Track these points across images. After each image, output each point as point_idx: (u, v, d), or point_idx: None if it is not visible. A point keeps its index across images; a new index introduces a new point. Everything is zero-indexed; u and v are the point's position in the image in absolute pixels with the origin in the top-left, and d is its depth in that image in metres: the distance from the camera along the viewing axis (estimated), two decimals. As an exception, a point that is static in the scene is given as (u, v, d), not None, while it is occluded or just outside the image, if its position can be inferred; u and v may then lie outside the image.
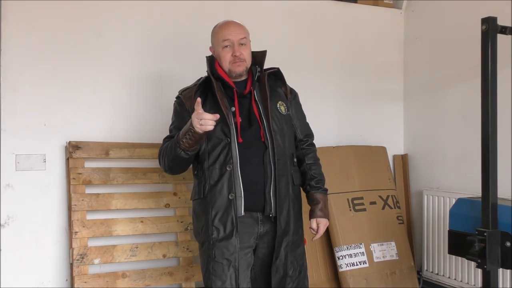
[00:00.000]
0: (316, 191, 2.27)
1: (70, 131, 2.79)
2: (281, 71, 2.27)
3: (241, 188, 2.05)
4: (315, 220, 2.24)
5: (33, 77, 2.71)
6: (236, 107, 2.11)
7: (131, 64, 2.96)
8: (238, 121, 2.09)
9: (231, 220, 2.04)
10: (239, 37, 2.13)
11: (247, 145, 2.08)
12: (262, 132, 2.10)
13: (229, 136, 2.06)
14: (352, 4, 3.69)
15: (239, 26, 2.18)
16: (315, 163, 2.31)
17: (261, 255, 2.15)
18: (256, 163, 2.09)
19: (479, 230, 2.21)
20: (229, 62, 2.13)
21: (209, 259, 2.07)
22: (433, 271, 3.44)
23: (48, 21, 2.74)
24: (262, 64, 2.23)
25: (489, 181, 2.20)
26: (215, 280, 2.05)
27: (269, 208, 2.09)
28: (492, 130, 2.21)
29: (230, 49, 2.13)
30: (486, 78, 2.21)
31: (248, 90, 2.16)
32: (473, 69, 3.11)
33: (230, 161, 2.05)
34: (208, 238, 2.07)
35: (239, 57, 2.12)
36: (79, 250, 2.63)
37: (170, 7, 3.04)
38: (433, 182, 3.54)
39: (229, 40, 2.12)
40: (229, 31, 2.14)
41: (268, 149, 2.09)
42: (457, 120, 3.36)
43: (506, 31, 2.26)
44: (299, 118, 2.32)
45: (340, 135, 3.60)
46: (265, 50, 2.24)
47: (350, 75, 3.65)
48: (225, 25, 2.18)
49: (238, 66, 2.13)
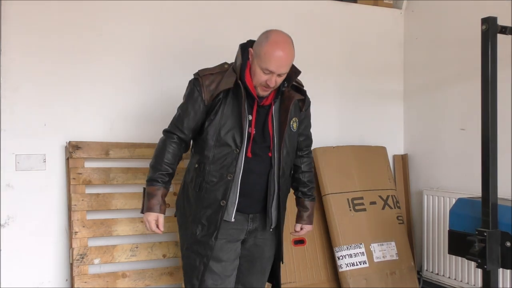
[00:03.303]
0: (307, 198, 2.37)
1: (70, 131, 2.79)
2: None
3: (237, 195, 2.09)
4: (300, 225, 2.38)
5: (33, 77, 2.72)
6: (254, 117, 2.09)
7: (131, 64, 2.96)
8: (252, 132, 2.09)
9: (215, 222, 2.09)
10: (281, 71, 2.03)
11: (254, 158, 2.10)
12: (272, 147, 2.12)
13: (239, 147, 2.06)
14: (352, 4, 3.69)
15: (287, 58, 2.02)
16: (309, 171, 2.38)
17: (248, 246, 2.23)
18: (258, 175, 2.13)
19: (479, 230, 2.22)
20: (260, 83, 2.05)
21: (188, 246, 2.17)
22: (433, 271, 3.44)
23: (48, 21, 2.74)
24: (291, 80, 2.15)
25: (489, 181, 2.20)
26: (188, 263, 2.18)
27: (269, 224, 2.18)
28: (492, 130, 2.21)
29: (268, 75, 2.02)
30: (486, 78, 2.21)
31: (269, 102, 2.13)
32: (473, 69, 3.10)
33: (233, 170, 2.06)
34: (193, 229, 2.13)
35: (270, 86, 2.04)
36: (79, 250, 2.63)
37: (170, 7, 3.04)
38: (433, 182, 3.54)
39: (270, 71, 2.01)
40: (277, 65, 2.00)
41: (273, 166, 2.13)
42: (457, 120, 3.36)
43: (506, 31, 2.26)
44: (306, 129, 2.34)
45: (340, 135, 3.60)
46: (299, 71, 2.17)
47: (350, 75, 3.65)
48: (277, 54, 1.99)
49: (264, 91, 2.08)
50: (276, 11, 3.34)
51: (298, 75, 2.17)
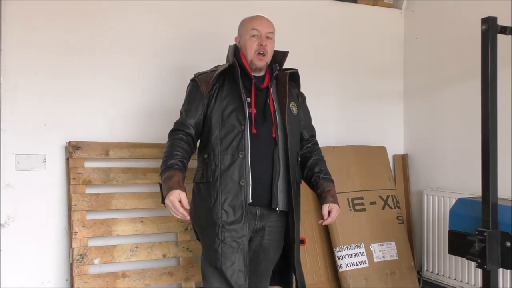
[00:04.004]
0: (326, 180, 2.31)
1: (70, 131, 2.79)
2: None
3: (250, 177, 2.09)
4: (328, 206, 2.23)
5: (33, 77, 2.72)
6: (253, 99, 2.15)
7: (131, 63, 2.95)
8: (253, 112, 2.14)
9: (240, 204, 2.07)
10: (267, 30, 2.21)
11: (258, 138, 2.12)
12: (274, 128, 2.15)
13: (244, 124, 2.10)
14: (352, 4, 3.69)
15: (268, 21, 2.26)
16: (322, 159, 2.38)
17: (254, 247, 2.20)
18: (264, 157, 2.13)
19: (479, 230, 2.21)
20: (254, 51, 2.18)
21: (217, 241, 2.08)
22: (433, 271, 3.44)
23: (48, 21, 2.74)
24: (281, 63, 2.30)
25: (489, 181, 2.20)
26: (224, 262, 2.07)
27: (275, 202, 2.13)
28: (492, 130, 2.20)
29: (257, 39, 2.19)
30: (486, 78, 2.21)
31: (265, 85, 2.21)
32: (473, 69, 3.10)
33: (243, 148, 2.08)
34: (217, 221, 2.08)
35: (264, 48, 2.17)
36: (79, 250, 2.63)
37: (170, 6, 3.05)
38: (433, 182, 3.54)
39: (258, 30, 2.19)
40: (259, 22, 2.22)
41: (278, 145, 2.14)
42: (457, 120, 3.36)
43: (506, 31, 2.26)
44: (306, 120, 2.39)
45: (340, 135, 3.60)
46: (287, 51, 2.30)
47: (350, 75, 3.65)
48: (257, 17, 2.27)
49: (260, 60, 2.18)
50: (276, 11, 3.33)
51: (286, 56, 2.30)
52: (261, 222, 2.17)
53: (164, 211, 2.92)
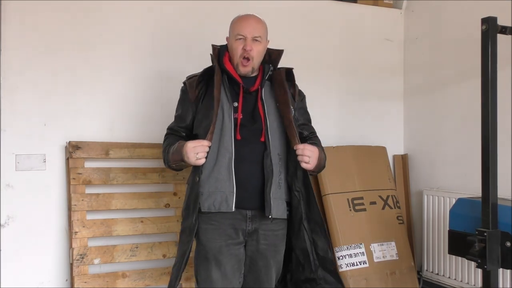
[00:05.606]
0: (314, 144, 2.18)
1: (70, 131, 2.79)
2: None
3: (234, 184, 2.03)
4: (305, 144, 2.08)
5: (33, 77, 2.72)
6: (240, 103, 2.09)
7: (131, 63, 2.96)
8: (239, 117, 2.07)
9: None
10: (253, 34, 2.09)
11: (244, 143, 2.06)
12: (264, 131, 2.09)
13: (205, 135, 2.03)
14: (352, 4, 3.69)
15: (257, 22, 2.14)
16: (318, 143, 2.26)
17: (250, 253, 2.13)
18: (251, 161, 2.07)
19: (479, 230, 2.21)
20: (240, 55, 2.09)
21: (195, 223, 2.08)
22: (433, 271, 3.43)
23: (48, 21, 2.74)
24: (276, 63, 2.22)
25: (489, 181, 2.20)
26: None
27: (268, 210, 2.04)
28: (492, 130, 2.20)
29: (243, 42, 2.09)
30: (486, 78, 2.21)
31: (255, 87, 2.14)
32: (473, 69, 3.10)
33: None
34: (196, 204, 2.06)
35: (248, 53, 2.08)
36: (79, 250, 2.63)
37: (169, 6, 3.05)
38: (433, 182, 3.54)
39: (242, 35, 2.09)
40: (245, 25, 2.11)
41: (268, 150, 2.07)
42: (457, 120, 3.36)
43: (506, 31, 2.26)
44: (305, 120, 2.31)
45: (340, 135, 3.60)
46: (282, 50, 2.23)
47: (350, 75, 3.65)
48: (244, 18, 2.15)
49: (243, 66, 2.11)
50: (276, 11, 3.34)
51: (281, 54, 2.22)
52: (253, 224, 2.09)
53: (164, 211, 2.92)
